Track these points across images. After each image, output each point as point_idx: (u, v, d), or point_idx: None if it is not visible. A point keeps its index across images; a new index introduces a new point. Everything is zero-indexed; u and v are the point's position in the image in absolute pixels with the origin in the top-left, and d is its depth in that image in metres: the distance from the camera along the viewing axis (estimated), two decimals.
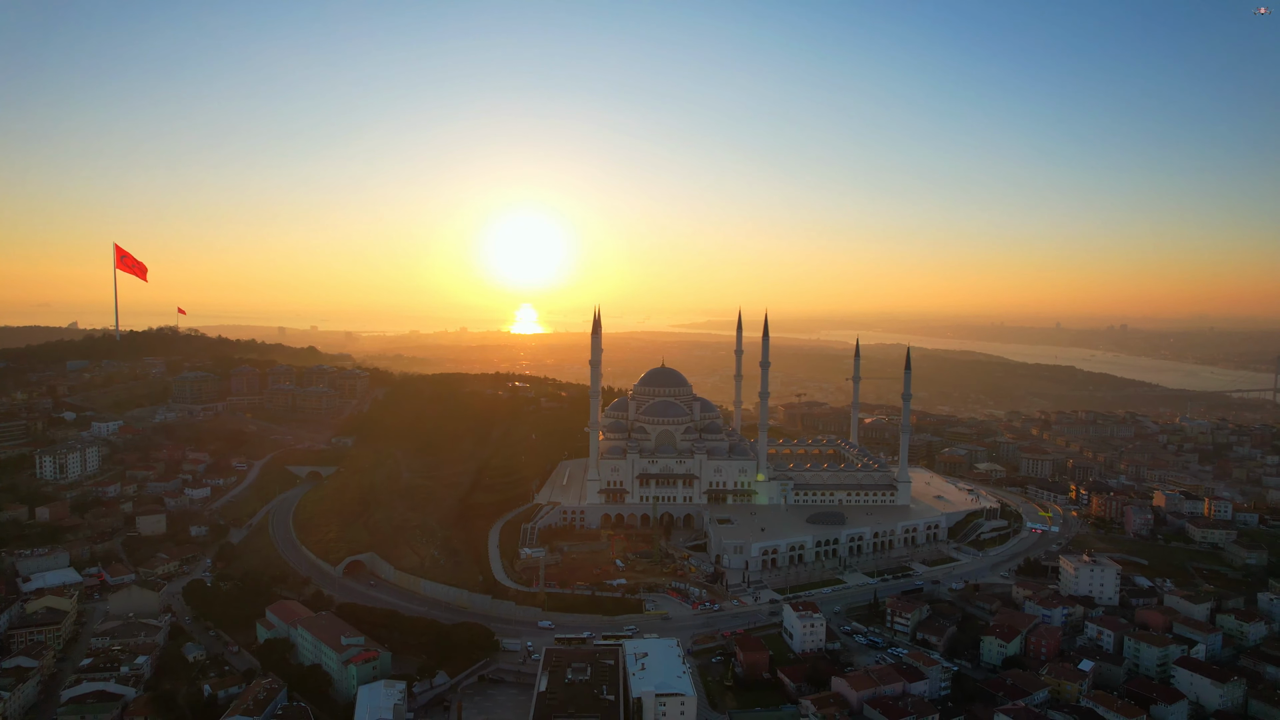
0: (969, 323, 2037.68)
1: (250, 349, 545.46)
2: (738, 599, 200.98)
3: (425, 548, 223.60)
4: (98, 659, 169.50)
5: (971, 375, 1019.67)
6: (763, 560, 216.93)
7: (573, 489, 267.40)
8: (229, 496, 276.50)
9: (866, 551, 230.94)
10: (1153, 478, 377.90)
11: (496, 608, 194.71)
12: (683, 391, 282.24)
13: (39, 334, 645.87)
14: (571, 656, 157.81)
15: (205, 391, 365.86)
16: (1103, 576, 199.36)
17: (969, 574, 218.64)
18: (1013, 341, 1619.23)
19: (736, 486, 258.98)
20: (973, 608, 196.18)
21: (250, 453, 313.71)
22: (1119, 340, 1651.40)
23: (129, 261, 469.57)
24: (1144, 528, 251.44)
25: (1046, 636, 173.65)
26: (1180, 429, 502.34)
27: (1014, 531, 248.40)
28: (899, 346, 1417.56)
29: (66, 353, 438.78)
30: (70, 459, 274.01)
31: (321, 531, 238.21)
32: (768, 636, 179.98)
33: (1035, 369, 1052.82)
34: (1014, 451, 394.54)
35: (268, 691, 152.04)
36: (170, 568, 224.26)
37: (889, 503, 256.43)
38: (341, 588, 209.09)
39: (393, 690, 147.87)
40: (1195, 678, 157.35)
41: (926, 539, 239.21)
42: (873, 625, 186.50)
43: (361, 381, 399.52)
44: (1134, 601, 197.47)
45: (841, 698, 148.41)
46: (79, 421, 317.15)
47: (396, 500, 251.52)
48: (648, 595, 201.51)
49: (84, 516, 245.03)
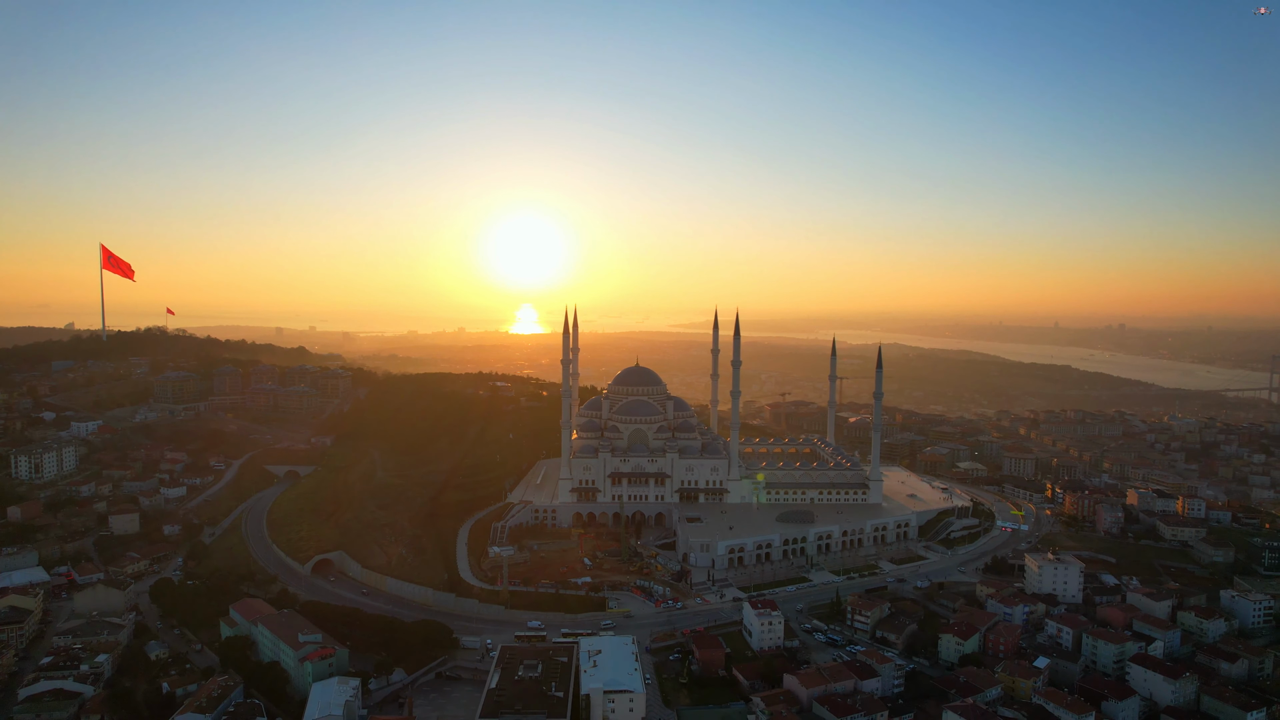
0: (968, 322, 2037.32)
1: (239, 349, 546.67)
2: (701, 597, 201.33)
3: (394, 546, 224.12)
4: (58, 657, 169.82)
5: (968, 374, 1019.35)
6: (729, 558, 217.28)
7: (547, 488, 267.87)
8: (205, 496, 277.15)
9: (835, 550, 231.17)
10: (1136, 476, 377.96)
11: (460, 606, 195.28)
12: (657, 391, 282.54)
13: (33, 334, 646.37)
14: (525, 654, 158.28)
15: (187, 391, 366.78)
16: (1066, 574, 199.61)
17: (936, 572, 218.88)
18: (1011, 341, 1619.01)
19: (708, 485, 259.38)
20: (936, 606, 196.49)
21: (229, 452, 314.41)
22: (1117, 339, 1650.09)
23: (115, 262, 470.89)
24: (1114, 526, 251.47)
25: (1005, 634, 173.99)
26: (1168, 428, 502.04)
27: (985, 530, 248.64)
28: (896, 346, 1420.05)
29: (52, 353, 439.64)
30: (46, 458, 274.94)
31: (293, 530, 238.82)
32: (728, 634, 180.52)
33: (1031, 368, 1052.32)
34: (997, 450, 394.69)
35: (222, 689, 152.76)
36: (140, 567, 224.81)
37: (861, 501, 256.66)
38: (308, 586, 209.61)
39: (345, 687, 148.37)
40: (1149, 674, 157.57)
41: (896, 537, 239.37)
42: (833, 623, 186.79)
43: (344, 381, 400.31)
44: (1098, 599, 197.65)
45: (791, 695, 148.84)
46: (58, 421, 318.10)
47: (368, 499, 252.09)
48: (612, 593, 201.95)
49: (57, 516, 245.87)
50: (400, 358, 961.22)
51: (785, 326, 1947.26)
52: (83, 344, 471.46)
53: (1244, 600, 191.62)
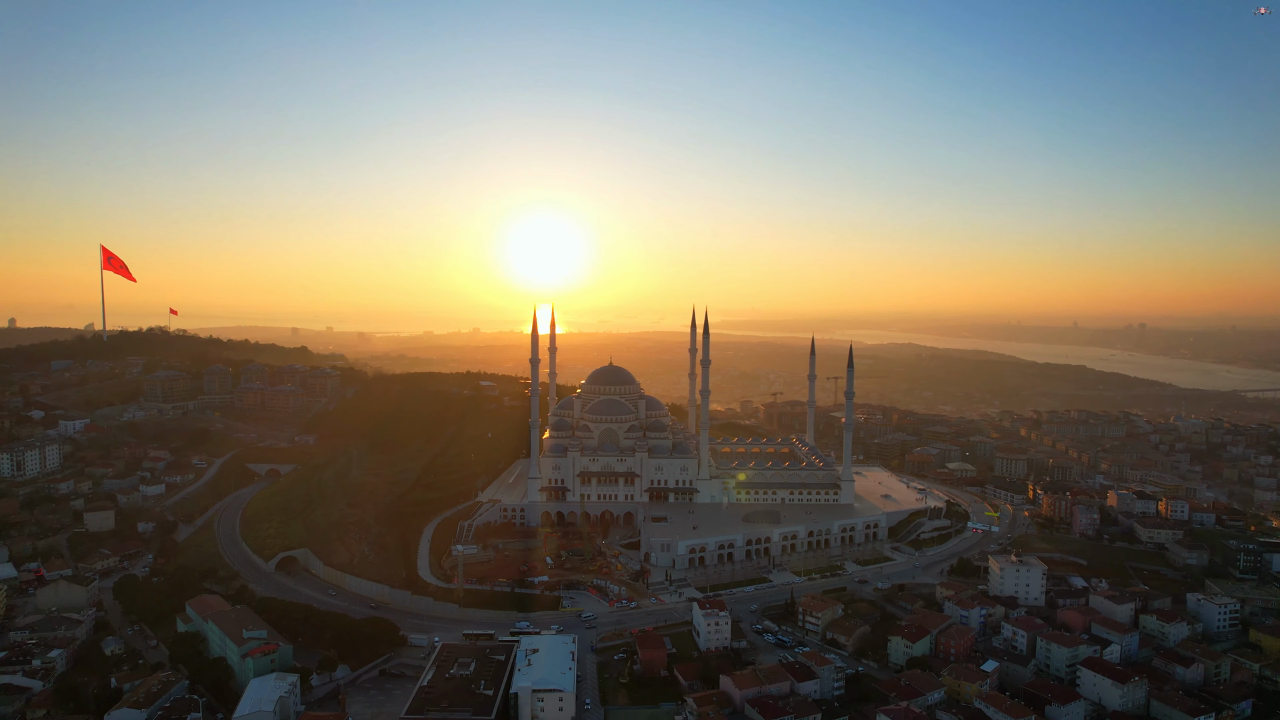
0: (984, 322, 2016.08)
1: (240, 349, 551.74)
2: (656, 597, 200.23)
3: (357, 544, 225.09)
4: (12, 652, 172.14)
5: (980, 375, 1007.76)
6: (690, 558, 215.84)
7: (519, 487, 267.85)
8: (184, 493, 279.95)
9: (801, 550, 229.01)
10: (1135, 478, 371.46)
11: (415, 603, 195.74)
12: (629, 390, 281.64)
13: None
14: (462, 652, 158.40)
15: (177, 390, 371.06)
16: (1028, 576, 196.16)
17: (900, 574, 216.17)
18: (1028, 341, 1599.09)
19: (678, 485, 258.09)
20: (894, 608, 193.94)
21: (212, 450, 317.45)
22: (1137, 339, 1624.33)
23: (115, 263, 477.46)
24: (1090, 528, 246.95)
25: (957, 637, 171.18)
26: (1174, 428, 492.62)
27: (956, 531, 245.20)
28: (910, 346, 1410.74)
29: (53, 353, 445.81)
30: (28, 456, 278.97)
31: (262, 528, 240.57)
32: (678, 635, 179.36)
33: (1045, 368, 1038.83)
34: (990, 451, 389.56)
35: (163, 684, 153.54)
36: (110, 563, 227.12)
37: (832, 501, 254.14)
38: (270, 583, 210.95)
39: (282, 683, 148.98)
40: (1098, 678, 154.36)
41: (865, 538, 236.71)
42: (786, 624, 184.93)
43: (332, 381, 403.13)
44: (1061, 602, 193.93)
45: (725, 696, 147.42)
46: (47, 420, 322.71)
47: (339, 497, 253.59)
48: (567, 592, 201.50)
49: (33, 513, 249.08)
50: (410, 357, 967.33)
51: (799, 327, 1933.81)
52: (84, 344, 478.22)
53: (1209, 604, 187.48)
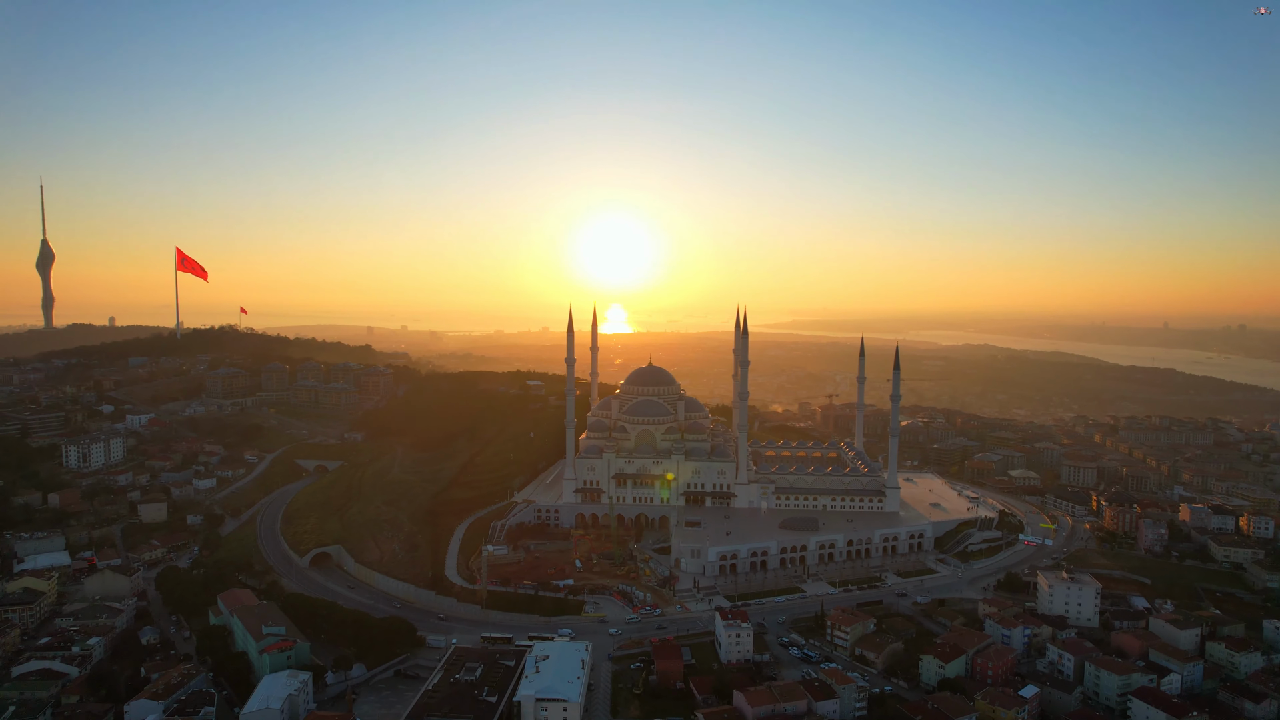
0: (1067, 322, 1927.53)
1: (306, 347, 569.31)
2: (682, 604, 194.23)
3: (389, 542, 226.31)
4: (55, 639, 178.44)
5: (1058, 377, 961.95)
6: (720, 565, 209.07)
7: (556, 488, 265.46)
8: (233, 488, 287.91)
9: (840, 559, 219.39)
10: (1220, 490, 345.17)
11: (438, 604, 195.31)
12: (668, 391, 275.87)
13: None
14: (471, 656, 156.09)
15: (236, 387, 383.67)
16: (1080, 595, 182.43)
17: (942, 587, 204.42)
18: (1114, 343, 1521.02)
19: (715, 489, 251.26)
20: (931, 623, 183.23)
21: (265, 446, 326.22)
22: (1236, 341, 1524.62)
23: (190, 263, 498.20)
24: (1157, 543, 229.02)
25: (996, 658, 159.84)
26: (1269, 437, 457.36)
27: (1007, 544, 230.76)
28: (985, 347, 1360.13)
29: (132, 350, 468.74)
30: (94, 449, 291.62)
31: (302, 523, 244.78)
32: (699, 645, 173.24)
33: (1130, 371, 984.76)
34: (1057, 458, 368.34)
35: (183, 676, 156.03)
36: (158, 554, 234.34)
37: (876, 509, 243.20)
38: (302, 578, 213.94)
39: (293, 680, 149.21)
40: (1152, 711, 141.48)
41: (909, 548, 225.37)
42: (814, 638, 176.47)
43: (384, 379, 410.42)
44: (1116, 624, 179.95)
45: (738, 713, 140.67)
46: (115, 414, 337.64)
47: (377, 495, 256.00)
48: (591, 597, 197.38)
49: (92, 503, 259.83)
50: (475, 355, 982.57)
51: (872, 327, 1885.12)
52: (160, 342, 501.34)
53: None
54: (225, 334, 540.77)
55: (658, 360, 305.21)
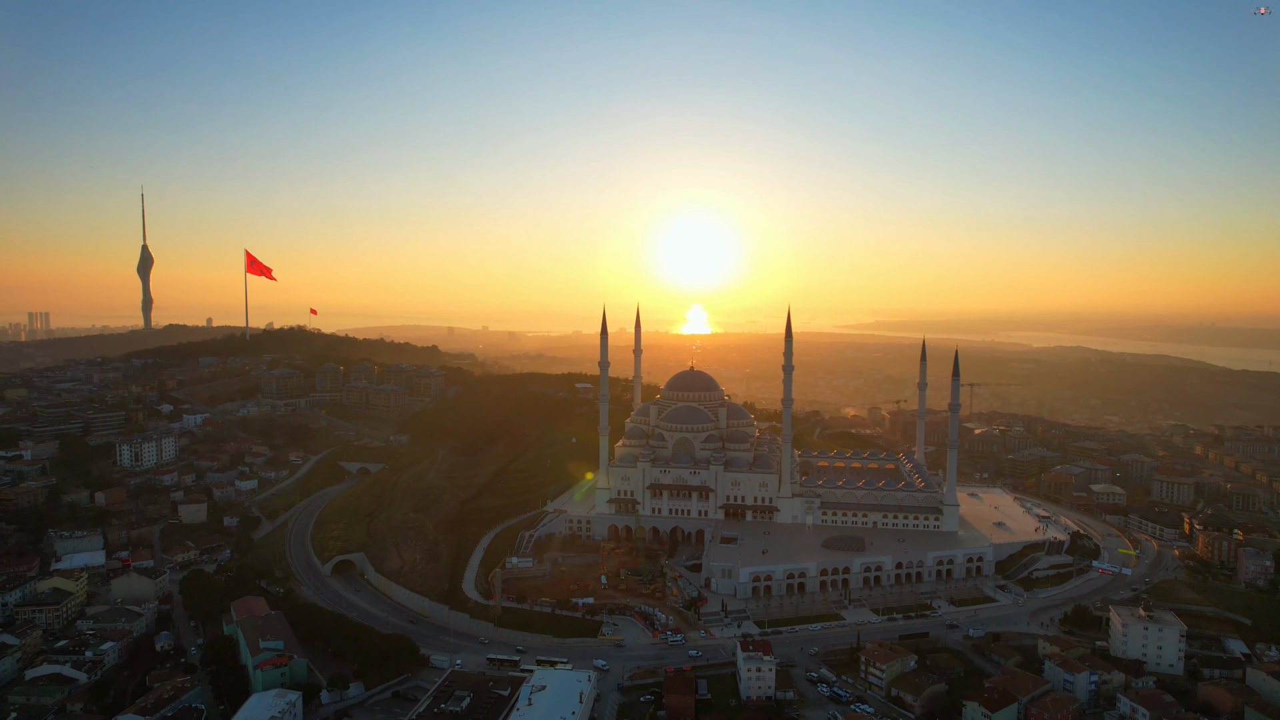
0: (1170, 323, 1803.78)
1: (374, 348, 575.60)
2: (705, 629, 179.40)
3: (412, 551, 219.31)
4: (71, 642, 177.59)
5: (1159, 382, 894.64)
6: (754, 587, 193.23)
7: (590, 497, 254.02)
8: (274, 489, 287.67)
9: (887, 583, 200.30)
10: None
11: (450, 619, 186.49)
12: (710, 396, 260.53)
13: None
14: (464, 683, 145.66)
15: (290, 387, 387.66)
16: (1161, 636, 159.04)
17: (999, 619, 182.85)
18: (1224, 345, 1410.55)
19: (757, 502, 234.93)
20: (983, 661, 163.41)
21: (311, 447, 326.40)
22: None
23: (258, 266, 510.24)
24: (1260, 577, 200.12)
25: (1054, 709, 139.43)
26: None
27: (1079, 570, 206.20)
28: (1078, 349, 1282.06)
29: (204, 350, 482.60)
30: (146, 448, 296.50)
31: (330, 529, 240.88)
32: (718, 677, 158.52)
33: (1242, 376, 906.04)
34: (1148, 472, 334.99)
35: (176, 690, 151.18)
36: (190, 556, 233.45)
37: (932, 528, 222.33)
38: (321, 587, 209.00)
39: (280, 700, 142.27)
40: None
41: (966, 573, 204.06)
42: (847, 674, 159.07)
43: (435, 380, 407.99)
44: (1206, 673, 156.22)
45: None
46: (173, 414, 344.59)
47: (406, 501, 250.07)
48: (610, 618, 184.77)
49: (137, 502, 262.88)
50: (547, 357, 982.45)
51: (960, 328, 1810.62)
52: (231, 342, 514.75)
53: None
54: (293, 334, 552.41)
55: (729, 362, 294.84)
